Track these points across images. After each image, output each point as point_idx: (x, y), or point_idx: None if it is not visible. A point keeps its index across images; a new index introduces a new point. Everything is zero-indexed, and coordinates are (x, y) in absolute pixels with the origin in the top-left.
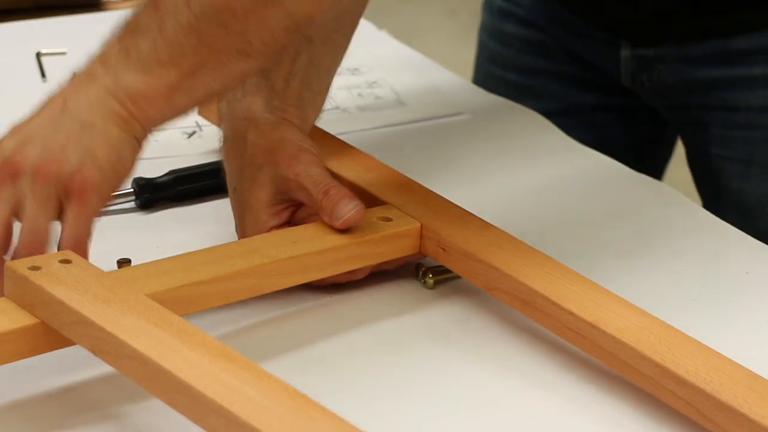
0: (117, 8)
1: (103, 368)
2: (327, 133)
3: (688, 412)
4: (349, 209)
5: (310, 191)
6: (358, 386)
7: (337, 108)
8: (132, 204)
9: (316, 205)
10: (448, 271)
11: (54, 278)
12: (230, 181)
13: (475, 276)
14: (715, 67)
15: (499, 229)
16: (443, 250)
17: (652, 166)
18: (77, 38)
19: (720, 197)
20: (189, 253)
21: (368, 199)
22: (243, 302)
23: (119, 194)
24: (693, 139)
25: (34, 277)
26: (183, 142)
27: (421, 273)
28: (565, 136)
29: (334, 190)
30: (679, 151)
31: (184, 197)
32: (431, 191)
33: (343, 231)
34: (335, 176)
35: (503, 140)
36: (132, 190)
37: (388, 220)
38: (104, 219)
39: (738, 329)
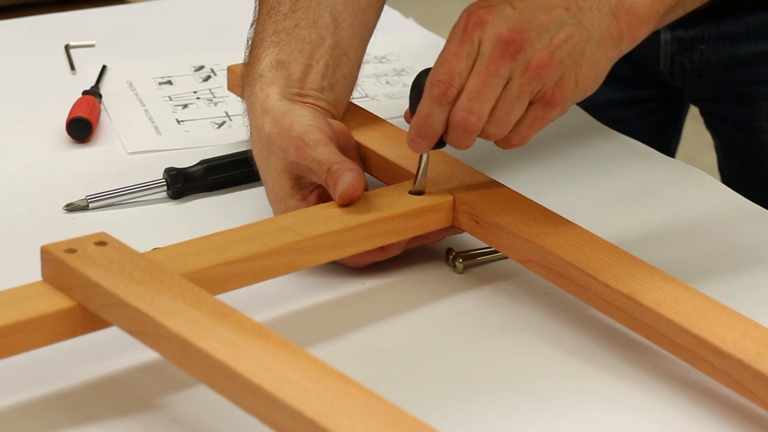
0: (144, 0)
1: (142, 356)
2: (357, 106)
3: (725, 383)
4: (342, 183)
5: (316, 173)
6: (396, 370)
7: (365, 96)
8: (164, 194)
9: (325, 185)
10: (477, 255)
11: (89, 260)
12: (260, 174)
13: (508, 249)
14: (759, 41)
15: (533, 201)
16: (476, 223)
17: (667, 153)
18: (106, 30)
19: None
20: (222, 232)
21: (400, 173)
22: (275, 292)
23: (150, 185)
24: (736, 116)
25: (70, 259)
26: (213, 132)
27: (451, 258)
28: (592, 119)
29: (336, 165)
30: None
31: (216, 187)
32: (463, 164)
33: (376, 206)
34: (365, 150)
35: None
36: (164, 180)
37: (421, 193)
38: (136, 209)
39: None
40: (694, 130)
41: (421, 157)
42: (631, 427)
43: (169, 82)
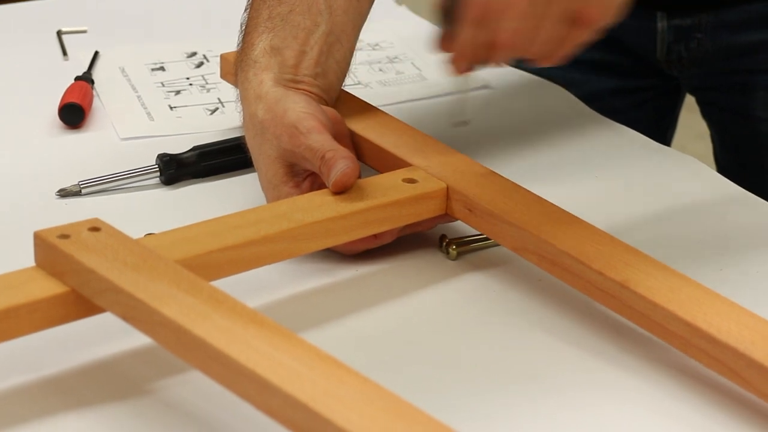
0: None
1: (135, 341)
2: (351, 95)
3: (720, 371)
4: (336, 171)
5: (310, 160)
6: (389, 356)
7: (358, 83)
8: (156, 180)
9: (318, 173)
10: (471, 242)
11: (83, 246)
12: (253, 160)
13: (502, 237)
14: (757, 30)
15: (527, 190)
16: (470, 211)
17: (663, 142)
18: (97, 16)
19: (766, 162)
20: (216, 219)
21: (393, 161)
22: (268, 278)
23: (143, 171)
24: (734, 105)
25: (64, 245)
26: (205, 118)
27: (444, 244)
28: (587, 108)
29: (330, 153)
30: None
31: (209, 173)
32: (457, 152)
33: (369, 194)
34: (358, 138)
35: (526, 113)
36: (156, 166)
37: (414, 181)
38: (129, 195)
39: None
40: (686, 119)
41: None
42: (624, 415)
43: (162, 69)
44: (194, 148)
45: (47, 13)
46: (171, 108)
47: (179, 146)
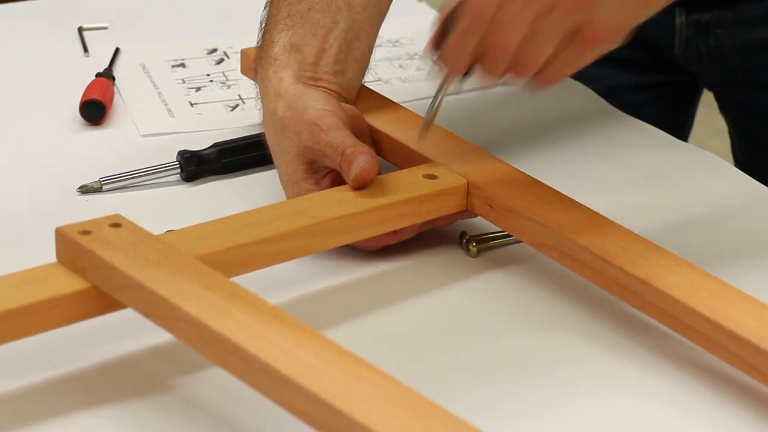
0: None
1: (156, 338)
2: (371, 90)
3: (741, 368)
4: (356, 166)
5: (330, 157)
6: (409, 353)
7: (378, 80)
8: (177, 177)
9: (339, 169)
10: (491, 239)
11: (104, 242)
12: (273, 157)
13: (523, 233)
14: None
15: (547, 186)
16: (490, 207)
17: (681, 138)
18: (118, 13)
19: None
20: (236, 216)
21: (413, 157)
22: (288, 275)
23: (164, 167)
24: (752, 100)
25: (85, 241)
26: (226, 115)
27: (464, 241)
28: (606, 104)
29: (350, 149)
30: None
31: (229, 169)
32: (478, 147)
33: (390, 190)
34: (378, 134)
35: (545, 109)
36: (177, 162)
37: (434, 177)
38: (149, 192)
39: None
40: (704, 116)
41: (440, 90)
42: (645, 411)
43: (182, 65)
44: (215, 145)
45: (68, 9)
46: (191, 105)
47: (199, 143)
